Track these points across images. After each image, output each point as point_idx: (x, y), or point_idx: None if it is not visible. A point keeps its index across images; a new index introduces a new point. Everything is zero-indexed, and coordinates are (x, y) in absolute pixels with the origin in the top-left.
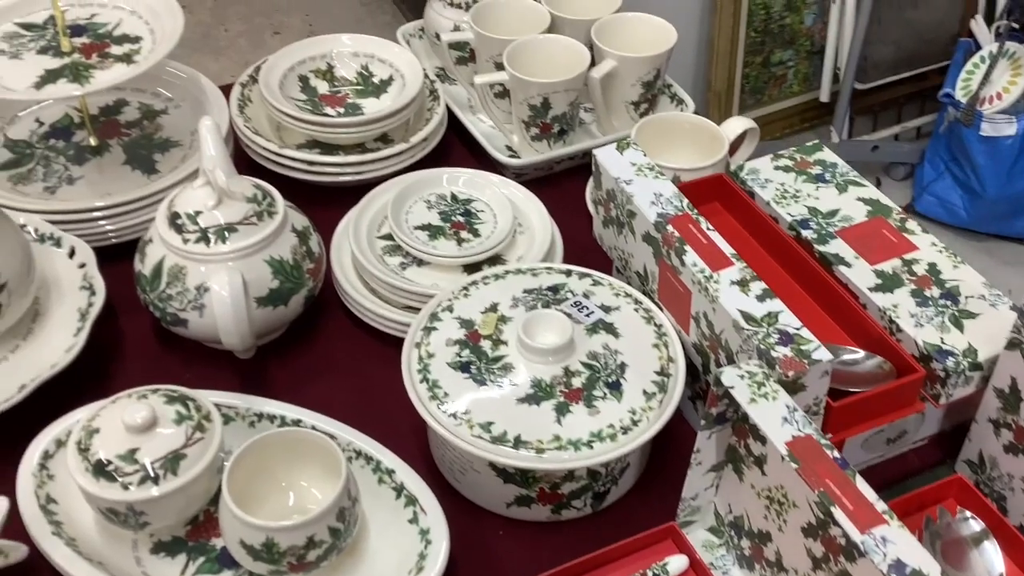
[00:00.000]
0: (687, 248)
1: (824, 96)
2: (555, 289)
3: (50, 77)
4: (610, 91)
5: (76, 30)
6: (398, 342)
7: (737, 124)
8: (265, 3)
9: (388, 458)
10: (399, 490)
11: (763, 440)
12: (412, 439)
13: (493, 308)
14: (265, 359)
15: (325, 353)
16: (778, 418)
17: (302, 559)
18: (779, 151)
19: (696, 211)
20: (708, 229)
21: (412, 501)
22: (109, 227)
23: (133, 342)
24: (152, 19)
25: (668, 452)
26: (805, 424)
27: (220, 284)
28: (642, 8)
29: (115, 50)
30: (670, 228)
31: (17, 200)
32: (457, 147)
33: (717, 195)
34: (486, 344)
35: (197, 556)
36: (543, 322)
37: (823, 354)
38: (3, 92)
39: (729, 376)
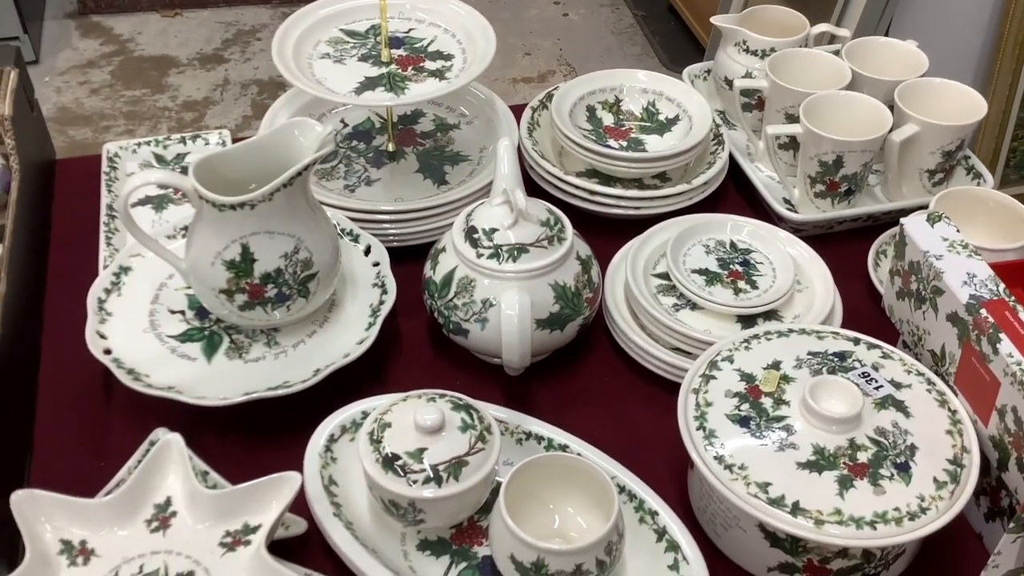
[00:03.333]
0: (1002, 336)
1: None
2: (842, 356)
3: (369, 84)
4: (907, 156)
5: (394, 42)
6: (660, 381)
7: None
8: (520, 25)
9: (652, 498)
10: (660, 533)
11: None
12: (670, 483)
13: (775, 366)
14: (529, 379)
15: (587, 381)
16: None
17: None
18: None
19: (1014, 299)
20: None
21: (674, 547)
22: (392, 231)
23: (409, 343)
24: (465, 39)
25: (941, 543)
26: None
27: (509, 303)
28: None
29: (429, 65)
30: (984, 312)
31: (323, 195)
32: (731, 193)
33: (1021, 283)
34: (767, 401)
35: (460, 560)
36: (830, 388)
37: None
38: (327, 93)
39: None
